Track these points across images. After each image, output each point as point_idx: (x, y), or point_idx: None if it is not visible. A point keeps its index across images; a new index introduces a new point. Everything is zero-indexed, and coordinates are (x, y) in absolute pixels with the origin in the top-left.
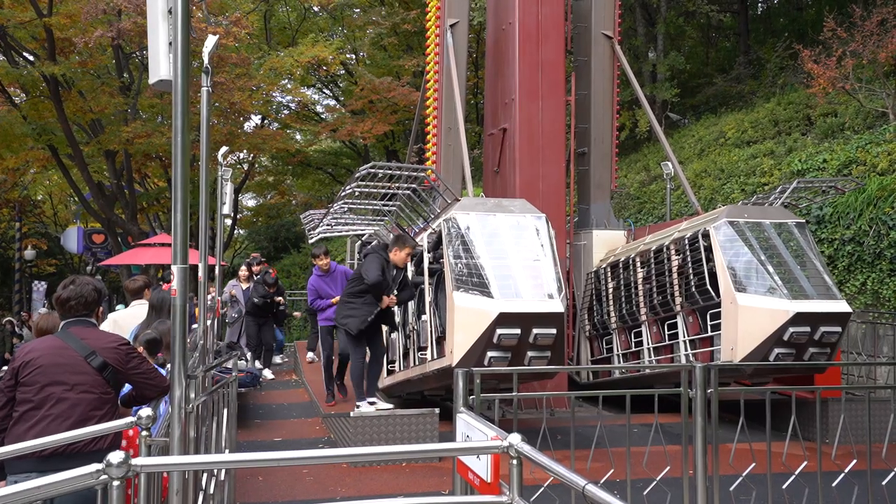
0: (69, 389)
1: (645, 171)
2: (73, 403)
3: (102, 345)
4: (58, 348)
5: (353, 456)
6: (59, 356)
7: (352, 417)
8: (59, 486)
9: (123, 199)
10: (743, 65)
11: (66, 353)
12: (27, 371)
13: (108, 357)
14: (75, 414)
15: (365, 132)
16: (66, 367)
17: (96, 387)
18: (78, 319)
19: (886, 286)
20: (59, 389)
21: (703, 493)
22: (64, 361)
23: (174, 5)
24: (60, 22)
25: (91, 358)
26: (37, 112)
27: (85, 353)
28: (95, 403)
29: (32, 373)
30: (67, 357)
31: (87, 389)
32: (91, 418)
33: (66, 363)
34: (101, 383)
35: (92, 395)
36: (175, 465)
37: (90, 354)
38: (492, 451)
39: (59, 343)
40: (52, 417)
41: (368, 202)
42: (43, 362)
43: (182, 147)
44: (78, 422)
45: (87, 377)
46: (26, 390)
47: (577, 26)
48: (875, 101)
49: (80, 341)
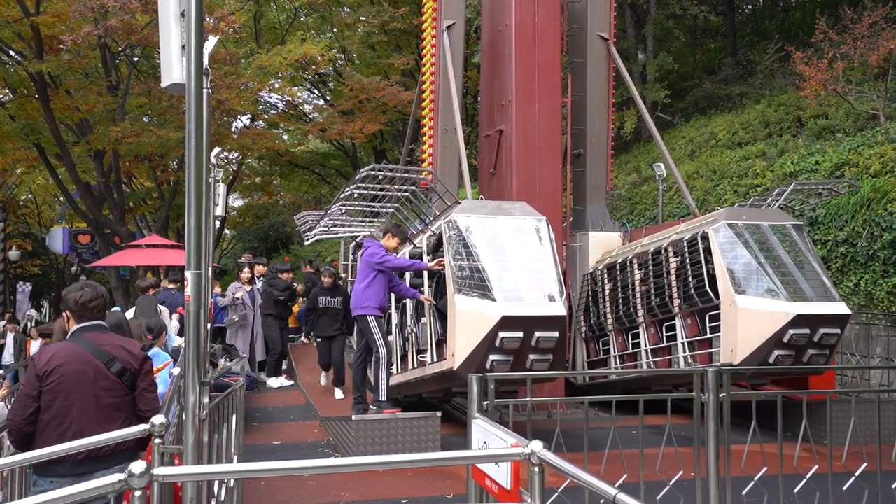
0: (93, 396)
1: (636, 173)
2: (97, 407)
3: (121, 350)
4: (79, 355)
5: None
6: (83, 363)
7: (353, 421)
8: (81, 495)
9: (111, 199)
10: (731, 66)
11: (87, 360)
12: (51, 380)
13: (125, 361)
14: (100, 417)
15: (355, 132)
16: (90, 374)
17: (117, 391)
18: (94, 324)
19: (880, 287)
20: (84, 396)
21: (716, 497)
22: (87, 369)
23: (187, 8)
24: (48, 20)
25: (111, 364)
26: (24, 111)
27: (105, 360)
28: (117, 405)
29: (58, 381)
30: (90, 364)
31: (109, 394)
32: (115, 420)
33: (89, 370)
34: (120, 387)
35: (114, 399)
36: (195, 475)
37: (110, 360)
38: (512, 459)
39: (79, 350)
40: (80, 423)
41: (366, 204)
42: (66, 370)
43: (196, 151)
44: (104, 424)
45: (108, 382)
46: (51, 398)
47: (572, 28)
48: (865, 103)
49: (99, 348)
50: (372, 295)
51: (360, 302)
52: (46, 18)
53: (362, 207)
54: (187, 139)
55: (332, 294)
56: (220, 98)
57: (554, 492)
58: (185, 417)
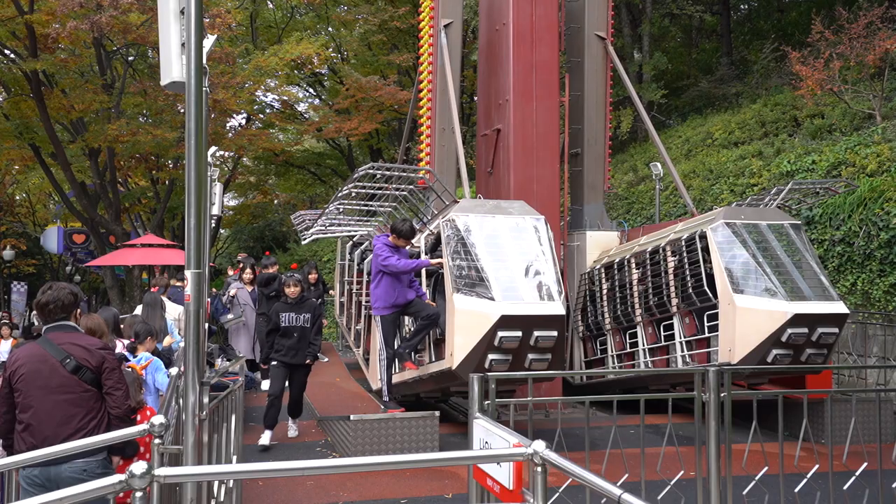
0: (50, 392)
1: (633, 172)
2: (55, 404)
3: (76, 348)
4: (37, 355)
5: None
6: (39, 362)
7: (351, 421)
8: (81, 496)
9: (106, 198)
10: (727, 66)
11: (44, 359)
12: (15, 379)
13: (81, 358)
14: (58, 413)
15: (351, 130)
16: (45, 372)
17: (73, 388)
18: (57, 324)
19: (876, 286)
20: (41, 393)
21: (717, 496)
22: (43, 367)
23: (187, 5)
24: (41, 19)
25: (66, 361)
26: (18, 110)
27: (60, 357)
28: (74, 401)
29: (19, 380)
30: (46, 363)
31: (66, 391)
32: (73, 416)
33: (44, 369)
34: (77, 384)
35: (70, 395)
36: (196, 476)
37: (65, 358)
38: (515, 459)
39: (38, 350)
40: (37, 418)
41: (364, 203)
42: (25, 370)
43: (196, 150)
44: (63, 420)
45: (62, 379)
46: (17, 396)
47: (569, 27)
48: (862, 102)
49: (57, 346)
50: (381, 294)
51: (372, 301)
52: (40, 17)
53: (360, 206)
54: (187, 137)
55: (298, 310)
56: (216, 98)
57: (555, 491)
58: (185, 418)
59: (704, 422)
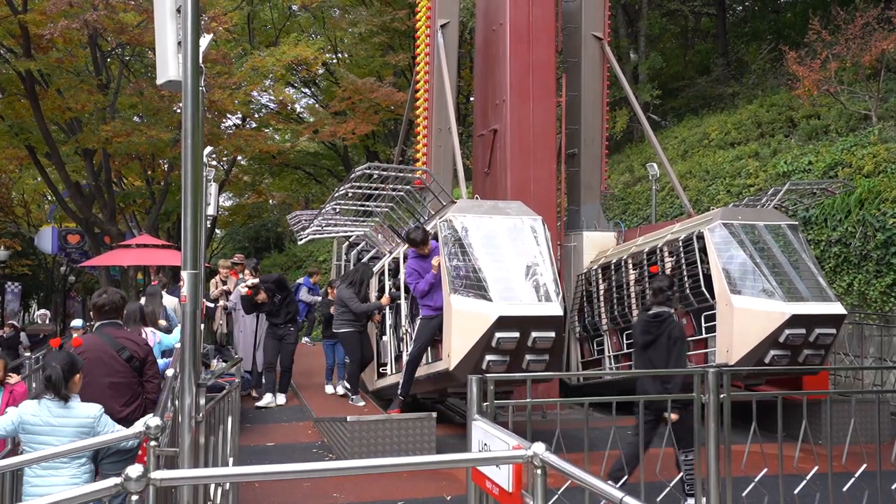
0: (106, 376)
1: (629, 173)
2: (109, 385)
3: (129, 342)
4: (98, 345)
5: (377, 467)
6: (100, 351)
7: (348, 422)
8: (81, 498)
9: (101, 199)
10: (722, 66)
11: (103, 348)
12: None
13: (133, 350)
14: (111, 392)
15: (347, 132)
16: (104, 358)
17: (125, 373)
18: (110, 322)
19: (873, 287)
20: (100, 374)
21: (717, 497)
22: (102, 356)
23: (183, 4)
24: (35, 18)
25: (121, 351)
26: (13, 110)
27: (117, 348)
28: (126, 384)
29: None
30: (105, 353)
31: (118, 375)
32: (122, 394)
33: (104, 355)
34: (129, 370)
35: (123, 379)
36: (193, 479)
37: (121, 349)
38: (515, 461)
39: (99, 341)
40: (96, 396)
41: (360, 203)
42: (88, 356)
43: (193, 149)
44: (114, 398)
45: (118, 365)
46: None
47: (566, 27)
48: (858, 103)
49: (114, 339)
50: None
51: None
52: (34, 16)
53: (356, 207)
54: (183, 136)
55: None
56: (212, 98)
57: (554, 493)
58: (181, 419)
59: (704, 423)
